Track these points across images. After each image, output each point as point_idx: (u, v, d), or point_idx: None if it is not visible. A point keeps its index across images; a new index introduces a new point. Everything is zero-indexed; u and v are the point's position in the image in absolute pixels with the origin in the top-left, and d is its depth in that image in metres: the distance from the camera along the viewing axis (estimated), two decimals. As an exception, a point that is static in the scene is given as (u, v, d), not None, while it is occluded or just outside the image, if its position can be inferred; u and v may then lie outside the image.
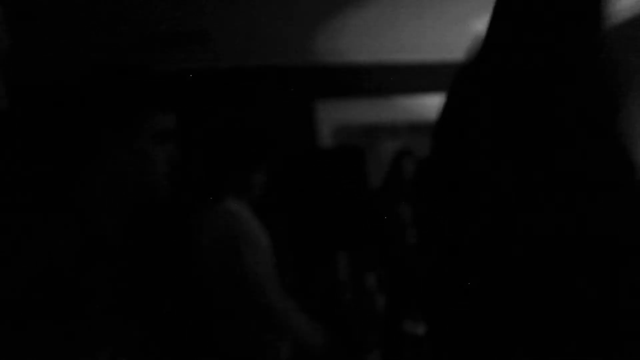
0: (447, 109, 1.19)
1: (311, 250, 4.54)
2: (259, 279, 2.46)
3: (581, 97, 0.99)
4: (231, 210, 2.59)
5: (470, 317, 1.02)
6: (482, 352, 1.03)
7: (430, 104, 5.54)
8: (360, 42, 4.93)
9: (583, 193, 0.95)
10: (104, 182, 1.46)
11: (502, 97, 1.04)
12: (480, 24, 4.61)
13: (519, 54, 1.06)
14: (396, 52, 5.32)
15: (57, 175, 1.44)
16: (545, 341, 0.97)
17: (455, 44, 5.16)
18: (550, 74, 1.00)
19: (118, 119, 1.46)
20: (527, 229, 0.95)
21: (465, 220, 1.04)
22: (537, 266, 0.96)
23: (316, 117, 5.29)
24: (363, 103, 5.41)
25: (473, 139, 1.04)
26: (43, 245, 1.33)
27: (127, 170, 1.47)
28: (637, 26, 3.57)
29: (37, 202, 1.38)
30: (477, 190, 1.02)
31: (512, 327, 0.97)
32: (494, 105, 1.04)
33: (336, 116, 5.37)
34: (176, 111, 1.52)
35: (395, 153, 4.90)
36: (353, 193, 3.81)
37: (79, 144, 1.47)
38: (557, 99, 1.00)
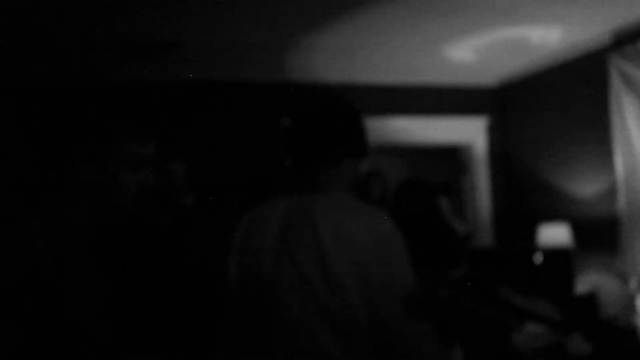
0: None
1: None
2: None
3: None
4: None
5: None
6: None
7: (398, 126, 5.57)
8: (332, 61, 4.94)
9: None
10: (74, 193, 1.52)
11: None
12: (450, 48, 4.66)
13: None
14: (366, 74, 5.35)
15: (32, 182, 1.52)
16: None
17: (424, 68, 5.22)
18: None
19: (94, 140, 1.52)
20: None
21: None
22: None
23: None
24: (332, 122, 5.42)
25: None
26: (22, 246, 1.39)
27: (95, 189, 1.52)
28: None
29: (13, 206, 1.46)
30: None
31: None
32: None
33: (305, 134, 5.36)
34: (154, 138, 1.58)
35: (363, 173, 4.92)
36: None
37: (54, 156, 1.53)
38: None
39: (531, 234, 4.87)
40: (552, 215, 4.90)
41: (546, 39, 4.51)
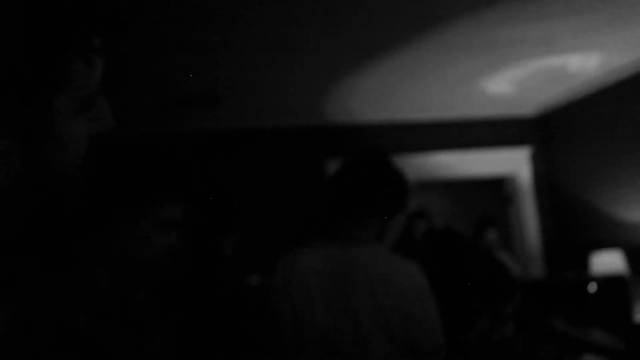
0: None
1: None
2: None
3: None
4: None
5: None
6: None
7: (440, 162, 5.57)
8: (371, 102, 4.99)
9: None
10: (110, 255, 1.54)
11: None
12: (488, 82, 4.68)
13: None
14: (406, 111, 5.38)
15: (69, 242, 1.51)
16: None
17: (463, 102, 5.23)
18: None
19: (128, 200, 1.54)
20: None
21: None
22: None
23: (328, 177, 5.33)
24: (374, 162, 5.45)
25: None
26: (64, 307, 1.38)
27: (128, 249, 1.54)
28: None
29: (52, 266, 1.45)
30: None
31: None
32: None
33: (348, 176, 5.38)
34: (184, 200, 1.61)
35: (408, 213, 4.90)
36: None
37: (93, 215, 1.54)
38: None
39: (583, 262, 4.78)
40: (604, 243, 4.81)
41: (584, 66, 4.49)
